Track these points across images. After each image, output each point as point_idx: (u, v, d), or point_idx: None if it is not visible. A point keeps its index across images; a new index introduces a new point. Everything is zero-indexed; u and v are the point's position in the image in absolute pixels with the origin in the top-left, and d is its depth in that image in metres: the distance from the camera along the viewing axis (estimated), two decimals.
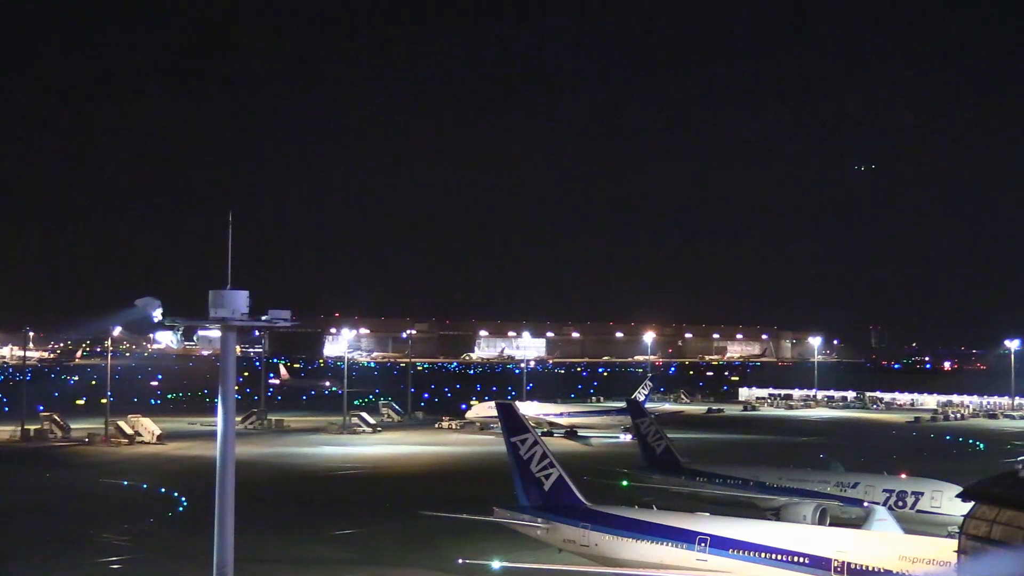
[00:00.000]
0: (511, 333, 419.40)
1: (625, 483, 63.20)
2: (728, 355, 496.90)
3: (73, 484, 78.92)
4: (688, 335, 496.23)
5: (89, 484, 79.19)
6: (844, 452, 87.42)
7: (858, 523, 47.64)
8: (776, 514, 51.92)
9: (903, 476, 58.88)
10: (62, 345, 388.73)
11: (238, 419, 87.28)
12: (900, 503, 52.88)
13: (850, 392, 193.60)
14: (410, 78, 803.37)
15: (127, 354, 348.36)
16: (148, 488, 77.26)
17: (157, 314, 27.32)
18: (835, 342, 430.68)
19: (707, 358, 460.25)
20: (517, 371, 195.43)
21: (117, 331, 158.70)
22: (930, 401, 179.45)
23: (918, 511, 51.97)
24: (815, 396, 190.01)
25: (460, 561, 43.96)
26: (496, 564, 43.15)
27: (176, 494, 71.46)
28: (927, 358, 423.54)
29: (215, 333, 28.74)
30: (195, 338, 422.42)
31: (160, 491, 74.46)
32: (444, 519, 53.49)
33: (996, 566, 24.98)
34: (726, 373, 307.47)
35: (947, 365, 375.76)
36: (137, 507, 68.42)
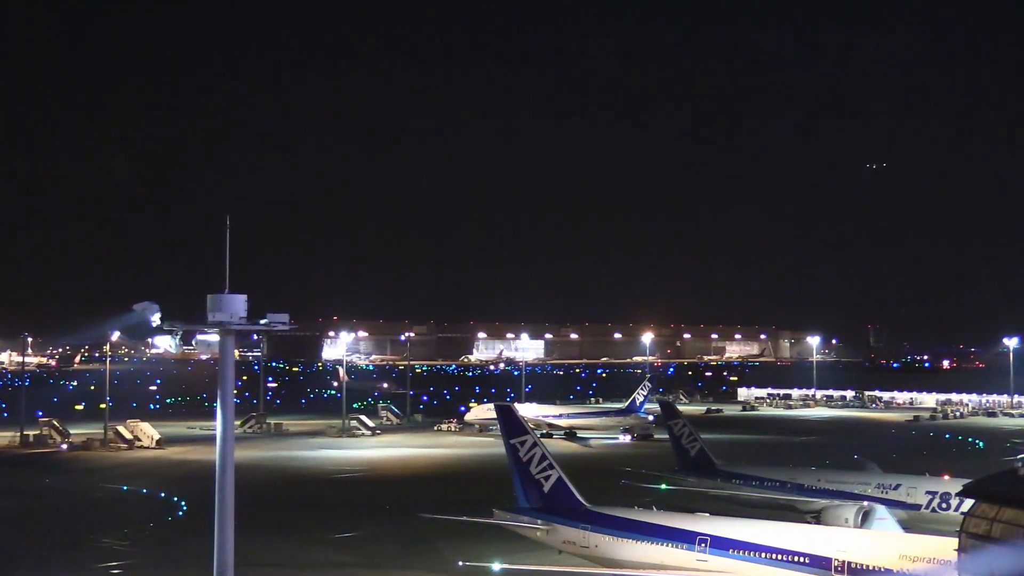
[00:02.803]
0: (509, 335, 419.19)
1: (664, 486, 62.94)
2: (727, 355, 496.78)
3: (73, 489, 78.95)
4: (686, 335, 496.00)
5: (89, 489, 79.24)
6: (843, 452, 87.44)
7: (900, 525, 47.28)
8: (817, 517, 51.34)
9: (945, 477, 57.39)
10: (61, 350, 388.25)
11: (237, 423, 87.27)
12: (943, 505, 51.55)
13: (849, 391, 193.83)
14: (407, 81, 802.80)
15: (126, 359, 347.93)
16: (148, 492, 77.27)
17: (155, 319, 27.32)
18: (833, 341, 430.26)
19: (706, 358, 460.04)
20: (516, 372, 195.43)
21: (115, 336, 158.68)
22: (929, 400, 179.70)
23: (963, 514, 50.27)
24: (814, 395, 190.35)
25: (460, 563, 43.96)
26: (496, 566, 43.15)
27: (176, 498, 71.44)
28: (926, 357, 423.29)
29: (214, 337, 28.74)
30: (194, 342, 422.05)
31: (160, 495, 74.45)
32: (444, 521, 53.53)
33: (996, 564, 24.99)
34: (725, 373, 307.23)
35: (946, 364, 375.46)
36: (137, 512, 68.37)
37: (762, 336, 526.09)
